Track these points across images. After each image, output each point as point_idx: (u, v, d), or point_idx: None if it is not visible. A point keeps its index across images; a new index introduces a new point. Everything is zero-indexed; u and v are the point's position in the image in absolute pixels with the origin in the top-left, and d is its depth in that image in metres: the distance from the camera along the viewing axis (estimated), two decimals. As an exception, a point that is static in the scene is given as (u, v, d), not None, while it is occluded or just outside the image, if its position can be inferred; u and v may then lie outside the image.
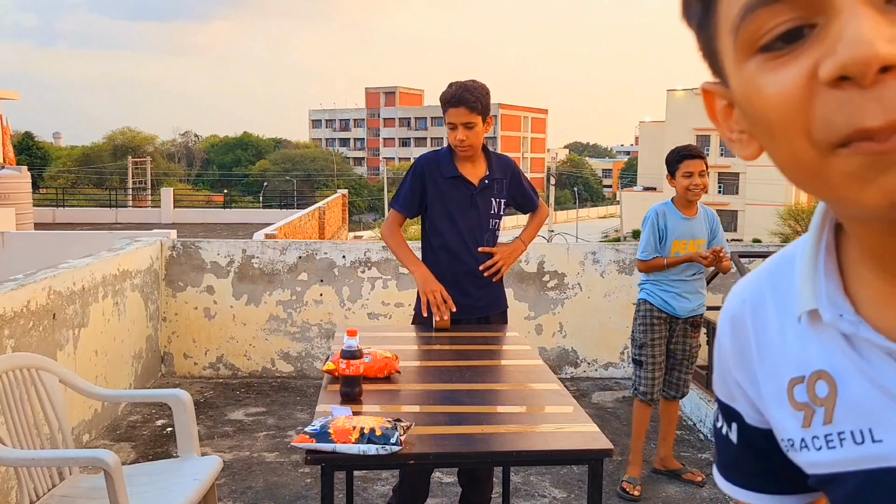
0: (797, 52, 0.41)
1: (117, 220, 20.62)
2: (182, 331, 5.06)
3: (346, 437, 1.76)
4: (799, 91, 0.41)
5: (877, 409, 0.48)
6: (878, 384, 0.48)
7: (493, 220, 2.86)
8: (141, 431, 4.09)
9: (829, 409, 0.51)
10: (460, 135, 2.72)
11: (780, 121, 0.42)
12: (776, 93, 0.42)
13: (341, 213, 21.32)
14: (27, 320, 3.25)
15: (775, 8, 0.41)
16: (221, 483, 3.36)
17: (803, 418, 0.53)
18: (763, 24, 0.42)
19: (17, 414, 2.33)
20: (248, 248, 5.08)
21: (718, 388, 0.62)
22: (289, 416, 4.33)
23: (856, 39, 0.38)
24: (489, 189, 2.83)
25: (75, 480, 2.43)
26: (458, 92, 2.72)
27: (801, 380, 0.53)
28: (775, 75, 0.42)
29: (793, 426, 0.54)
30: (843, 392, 0.50)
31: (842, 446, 0.50)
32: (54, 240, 8.18)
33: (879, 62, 0.38)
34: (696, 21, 0.48)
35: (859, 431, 0.49)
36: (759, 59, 0.43)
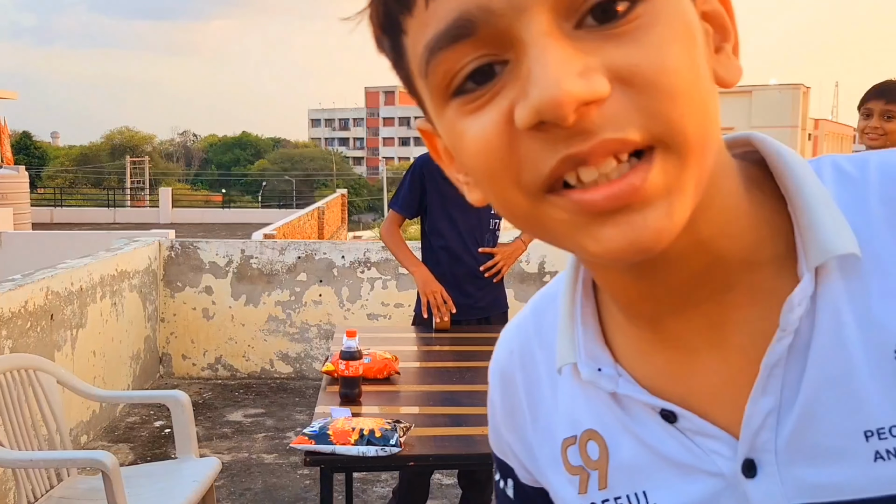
0: (493, 93, 0.37)
1: (115, 220, 20.61)
2: (180, 331, 5.04)
3: (346, 438, 1.75)
4: (500, 138, 0.37)
5: (647, 469, 0.45)
6: (645, 443, 0.45)
7: (493, 220, 2.85)
8: (139, 433, 4.07)
9: (603, 473, 0.47)
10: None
11: (486, 170, 0.38)
12: (477, 140, 0.38)
13: (340, 212, 21.33)
14: (25, 321, 3.24)
15: (458, 48, 0.37)
16: (220, 485, 3.35)
17: (579, 483, 0.49)
18: (451, 66, 0.37)
19: (14, 415, 2.32)
20: (246, 249, 5.06)
21: (493, 442, 0.58)
22: (288, 418, 4.31)
23: (544, 81, 0.34)
24: None
25: (73, 482, 2.42)
26: None
27: (574, 440, 0.49)
28: (474, 121, 0.38)
29: (570, 493, 0.50)
30: (613, 453, 0.47)
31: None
32: (52, 240, 8.16)
33: (573, 102, 0.34)
34: (391, 61, 0.42)
35: (634, 495, 0.46)
36: (456, 103, 0.38)
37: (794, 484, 0.41)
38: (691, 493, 0.44)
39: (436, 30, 0.37)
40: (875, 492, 0.39)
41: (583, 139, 0.35)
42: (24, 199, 14.45)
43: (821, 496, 0.40)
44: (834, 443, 0.40)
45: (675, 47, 0.35)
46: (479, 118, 0.38)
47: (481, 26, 0.36)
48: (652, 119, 0.35)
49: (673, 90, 0.35)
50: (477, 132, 0.38)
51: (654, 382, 0.45)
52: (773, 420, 0.41)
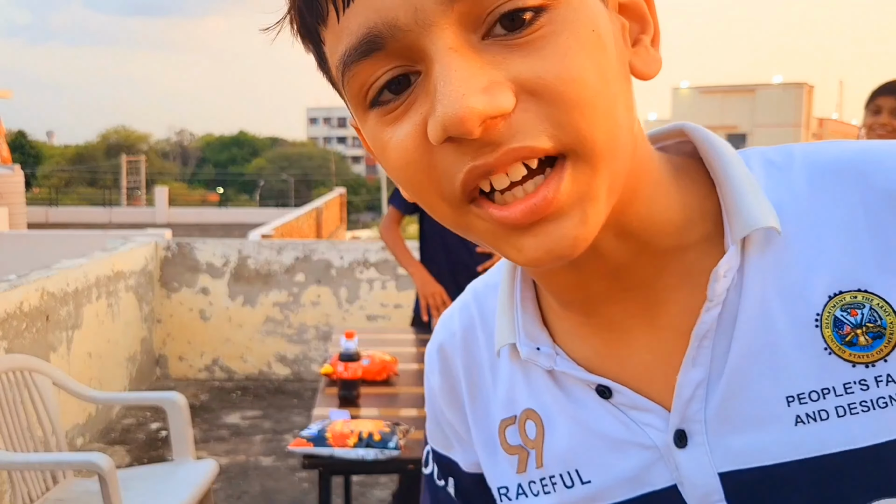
0: (407, 104, 0.38)
1: (111, 220, 20.57)
2: (177, 333, 5.02)
3: (344, 441, 1.73)
4: (417, 150, 0.38)
5: (581, 447, 0.46)
6: (581, 421, 0.46)
7: None
8: (135, 435, 4.05)
9: (539, 452, 0.48)
10: None
11: (410, 182, 0.39)
12: (398, 153, 0.38)
13: (339, 212, 21.30)
14: (20, 322, 3.21)
15: (370, 61, 0.37)
16: (217, 488, 3.32)
17: (518, 462, 0.49)
18: (364, 78, 0.38)
19: (9, 416, 2.30)
20: (243, 249, 5.04)
21: (432, 435, 0.57)
22: (285, 420, 4.29)
23: (448, 98, 0.35)
24: None
25: (69, 484, 2.40)
26: None
27: (513, 420, 0.50)
28: (393, 131, 0.38)
29: (507, 472, 0.50)
30: (549, 432, 0.48)
31: (555, 491, 0.48)
32: (48, 240, 8.13)
33: (477, 118, 0.34)
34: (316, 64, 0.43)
35: (567, 474, 0.47)
36: (374, 114, 0.39)
37: (721, 452, 0.42)
38: (624, 469, 0.45)
39: (347, 44, 0.38)
40: (797, 455, 0.41)
41: (490, 150, 0.36)
42: (20, 198, 14.41)
43: (746, 462, 0.42)
44: (758, 410, 0.42)
45: (579, 56, 0.36)
46: (397, 129, 0.38)
47: (389, 41, 0.36)
48: (560, 129, 0.36)
49: (578, 100, 0.35)
50: (397, 145, 0.38)
51: (591, 362, 0.46)
52: (702, 391, 0.43)
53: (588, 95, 0.36)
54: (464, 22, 0.36)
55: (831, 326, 0.41)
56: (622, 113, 0.38)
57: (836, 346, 0.41)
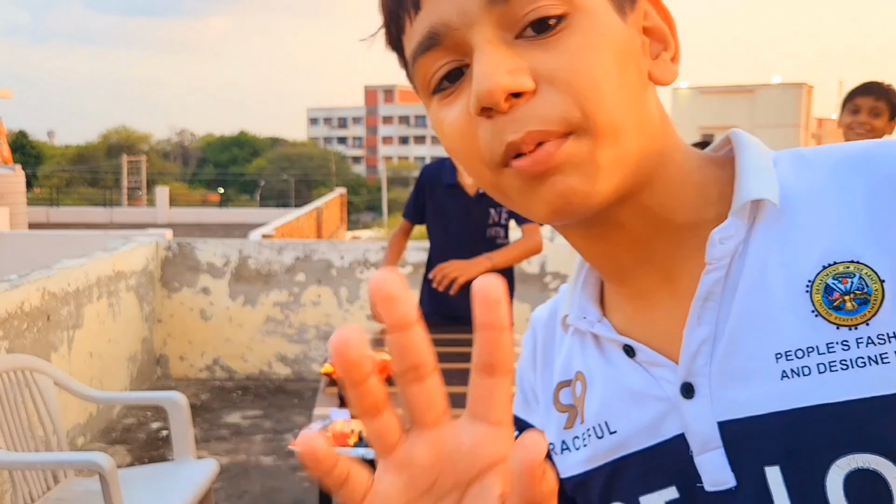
0: (460, 89, 0.48)
1: (112, 220, 20.58)
2: (178, 332, 5.02)
3: (345, 440, 1.74)
4: (466, 124, 0.47)
5: (611, 401, 0.53)
6: (611, 378, 0.54)
7: (491, 229, 2.84)
8: (136, 434, 4.05)
9: (582, 409, 0.56)
10: None
11: (460, 150, 0.49)
12: (451, 127, 0.48)
13: (339, 212, 21.30)
14: (21, 321, 3.22)
15: (430, 55, 0.47)
16: (218, 487, 3.33)
17: (566, 420, 0.57)
18: (427, 70, 0.48)
19: (10, 416, 2.31)
20: (244, 249, 5.05)
21: (518, 403, 0.63)
22: (286, 420, 4.30)
23: (480, 75, 0.44)
24: (487, 198, 2.81)
25: (70, 484, 2.40)
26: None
27: (567, 383, 0.58)
28: (448, 111, 0.48)
29: (556, 430, 0.57)
30: (589, 390, 0.55)
31: (590, 443, 0.55)
32: (48, 240, 8.14)
33: (502, 91, 0.44)
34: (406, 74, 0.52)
35: (599, 426, 0.54)
36: (436, 99, 0.49)
37: (721, 403, 0.48)
38: (642, 419, 0.51)
39: (415, 42, 0.48)
40: (780, 406, 0.46)
41: (515, 129, 0.45)
42: (21, 198, 14.41)
43: (740, 412, 0.47)
44: (752, 365, 0.47)
45: (587, 54, 0.45)
46: (451, 110, 0.48)
47: (444, 38, 0.47)
48: (569, 111, 0.45)
49: (582, 88, 0.45)
50: (451, 122, 0.48)
51: (623, 326, 0.54)
52: (707, 347, 0.49)
53: (590, 84, 0.45)
54: (500, 22, 0.45)
55: (821, 292, 0.47)
56: (628, 102, 0.46)
57: (823, 310, 0.46)
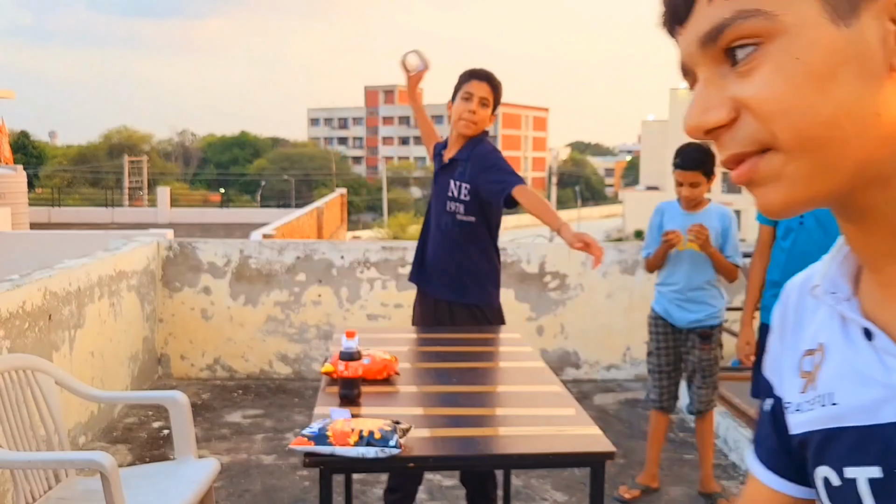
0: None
1: (113, 220, 20.58)
2: (179, 332, 5.03)
3: (345, 439, 1.74)
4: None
5: (842, 376, 0.57)
6: (846, 355, 0.57)
7: (451, 202, 2.79)
8: (138, 434, 4.06)
9: (816, 377, 0.60)
10: (474, 106, 2.74)
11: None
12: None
13: (340, 212, 21.30)
14: (23, 321, 3.22)
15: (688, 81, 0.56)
16: (219, 486, 3.33)
17: (803, 385, 0.62)
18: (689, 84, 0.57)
19: (12, 416, 2.31)
20: (245, 249, 5.05)
21: (767, 363, 0.70)
22: (287, 419, 4.30)
23: (685, 116, 0.54)
24: (449, 169, 2.82)
25: (71, 483, 2.41)
26: (484, 70, 2.80)
27: (812, 352, 0.62)
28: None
29: (793, 391, 0.63)
30: (826, 362, 0.59)
31: (814, 410, 0.60)
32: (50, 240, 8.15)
33: (697, 130, 0.53)
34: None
35: (825, 395, 0.59)
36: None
37: None
38: (864, 399, 0.55)
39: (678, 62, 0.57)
40: None
41: (721, 152, 0.54)
42: (22, 198, 14.42)
43: None
44: None
45: (776, 80, 0.50)
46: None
47: (687, 72, 0.57)
48: (759, 133, 0.51)
49: (770, 112, 0.50)
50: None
51: (871, 310, 0.57)
52: None
53: (777, 108, 0.50)
54: (714, 60, 0.53)
55: None
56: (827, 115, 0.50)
57: None
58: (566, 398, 2.11)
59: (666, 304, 3.20)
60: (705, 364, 3.20)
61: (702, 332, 3.18)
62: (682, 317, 3.17)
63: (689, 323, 3.17)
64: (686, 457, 3.79)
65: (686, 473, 3.57)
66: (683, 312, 3.16)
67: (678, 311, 3.18)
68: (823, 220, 2.67)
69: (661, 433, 3.34)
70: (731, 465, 3.70)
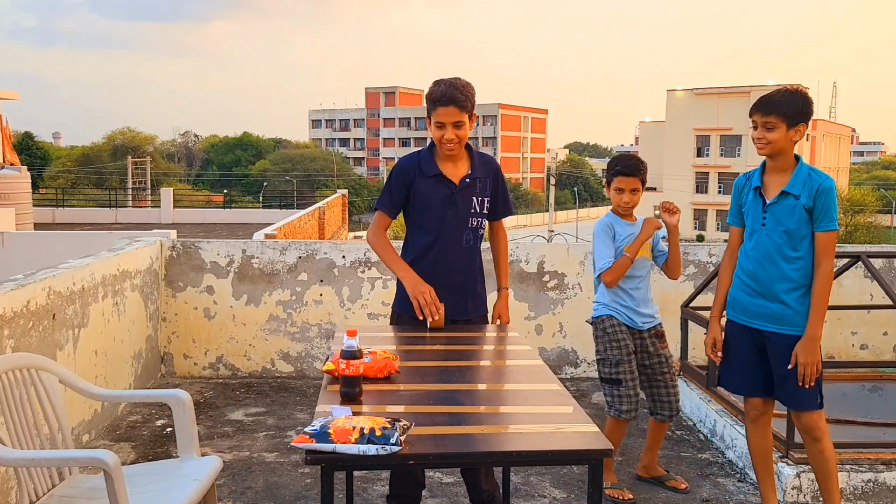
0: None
1: (117, 221, 20.62)
2: (182, 331, 5.06)
3: (346, 437, 1.76)
4: None
5: None
6: None
7: (473, 218, 2.85)
8: (141, 432, 4.09)
9: None
10: (449, 134, 2.72)
11: None
12: None
13: (341, 213, 21.31)
14: (27, 320, 3.25)
15: None
16: (221, 483, 3.36)
17: None
18: None
19: (16, 414, 2.33)
20: (247, 249, 5.08)
21: None
22: (288, 417, 4.33)
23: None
24: (470, 187, 2.83)
25: (75, 481, 2.43)
26: (448, 91, 2.70)
27: None
28: None
29: None
30: None
31: None
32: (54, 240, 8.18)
33: None
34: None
35: None
36: None
37: None
38: None
39: None
40: None
41: None
42: (26, 199, 14.46)
43: None
44: None
45: None
46: None
47: None
48: None
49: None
50: None
51: None
52: None
53: None
54: None
55: None
56: None
57: None
58: (564, 396, 2.13)
59: (625, 310, 3.24)
60: (670, 361, 3.33)
61: (656, 331, 3.29)
62: (642, 318, 3.26)
63: (649, 322, 3.27)
64: (683, 454, 3.81)
65: (684, 471, 3.58)
66: (640, 316, 3.25)
67: (638, 313, 3.25)
68: (784, 220, 2.69)
69: (621, 439, 3.38)
70: (728, 462, 3.71)
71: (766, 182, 2.74)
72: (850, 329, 5.24)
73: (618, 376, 3.21)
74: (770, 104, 2.67)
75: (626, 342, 3.22)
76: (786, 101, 2.65)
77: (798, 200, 2.65)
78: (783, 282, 2.69)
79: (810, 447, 2.78)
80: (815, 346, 2.66)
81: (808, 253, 2.68)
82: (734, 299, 2.84)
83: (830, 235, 2.64)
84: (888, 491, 3.20)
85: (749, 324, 2.79)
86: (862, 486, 3.19)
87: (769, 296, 2.72)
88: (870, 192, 49.54)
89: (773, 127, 2.66)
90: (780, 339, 2.72)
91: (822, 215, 2.64)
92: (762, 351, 2.79)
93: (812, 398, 2.72)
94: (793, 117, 2.64)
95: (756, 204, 2.76)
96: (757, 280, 2.74)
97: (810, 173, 2.68)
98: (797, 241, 2.67)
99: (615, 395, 3.23)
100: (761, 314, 2.74)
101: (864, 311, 5.17)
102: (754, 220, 2.76)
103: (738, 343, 2.84)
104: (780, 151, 2.68)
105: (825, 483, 2.78)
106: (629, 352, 3.22)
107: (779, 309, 2.71)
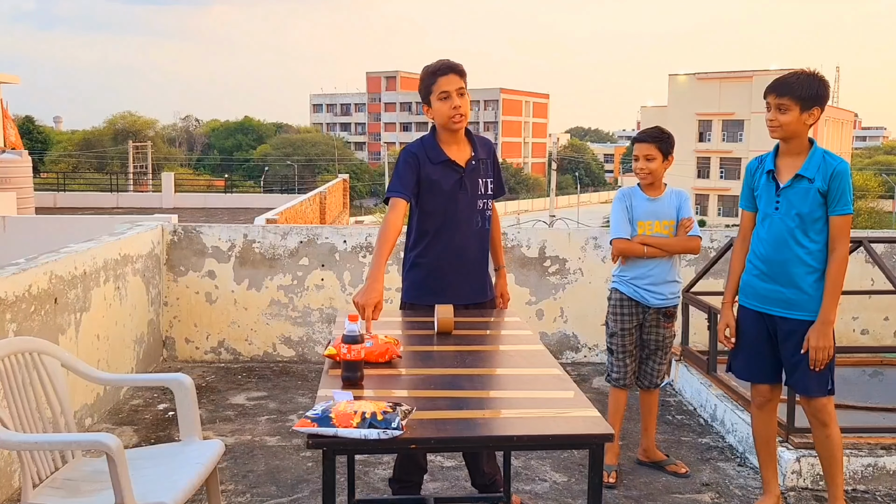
0: None
1: (118, 205, 20.62)
2: (184, 315, 5.07)
3: (348, 421, 1.76)
4: None
5: None
6: None
7: (481, 200, 2.84)
8: (143, 415, 4.11)
9: None
10: (456, 101, 2.69)
11: None
12: None
13: (342, 197, 21.30)
14: (29, 304, 3.25)
15: None
16: (223, 467, 3.38)
17: None
18: None
19: (19, 398, 2.34)
20: (249, 233, 5.07)
21: None
22: (290, 401, 4.34)
23: None
24: (476, 170, 2.82)
25: (78, 464, 2.44)
26: (446, 62, 2.73)
27: None
28: None
29: None
30: None
31: None
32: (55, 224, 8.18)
33: None
34: None
35: None
36: None
37: None
38: None
39: None
40: None
41: None
42: (28, 183, 14.45)
43: None
44: None
45: None
46: None
47: None
48: None
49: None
50: None
51: None
52: None
53: None
54: None
55: None
56: None
57: None
58: (565, 381, 2.13)
59: (637, 285, 3.27)
60: (668, 341, 3.37)
61: (667, 310, 3.31)
62: (655, 296, 3.27)
63: (662, 301, 3.28)
64: (684, 439, 3.82)
65: (684, 456, 3.60)
66: (654, 295, 3.27)
67: (651, 291, 3.26)
68: (797, 204, 2.67)
69: (622, 409, 3.42)
70: (728, 447, 3.73)
71: (780, 165, 2.71)
72: (850, 314, 5.24)
73: (611, 346, 3.37)
74: (784, 86, 2.63)
75: (626, 316, 3.30)
76: (801, 84, 2.62)
77: (812, 184, 2.63)
78: (798, 265, 2.67)
79: (817, 431, 2.78)
80: (828, 331, 2.64)
81: (822, 237, 2.66)
82: (747, 285, 2.82)
83: (845, 219, 2.62)
84: (888, 475, 3.21)
85: (762, 309, 2.77)
86: (861, 470, 3.21)
87: (784, 280, 2.69)
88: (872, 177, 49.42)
89: (785, 109, 2.62)
90: (792, 324, 2.70)
91: (837, 199, 2.61)
92: (773, 337, 2.77)
93: (823, 384, 2.70)
94: (807, 100, 2.61)
95: (769, 188, 2.73)
96: (770, 265, 2.71)
97: (825, 157, 2.65)
98: (810, 225, 2.65)
99: (609, 361, 3.40)
100: (775, 299, 2.72)
101: (865, 297, 5.16)
102: (767, 204, 2.74)
103: (749, 329, 2.82)
104: (793, 135, 2.66)
105: (829, 468, 2.78)
106: (628, 325, 3.30)
107: (793, 294, 2.68)
